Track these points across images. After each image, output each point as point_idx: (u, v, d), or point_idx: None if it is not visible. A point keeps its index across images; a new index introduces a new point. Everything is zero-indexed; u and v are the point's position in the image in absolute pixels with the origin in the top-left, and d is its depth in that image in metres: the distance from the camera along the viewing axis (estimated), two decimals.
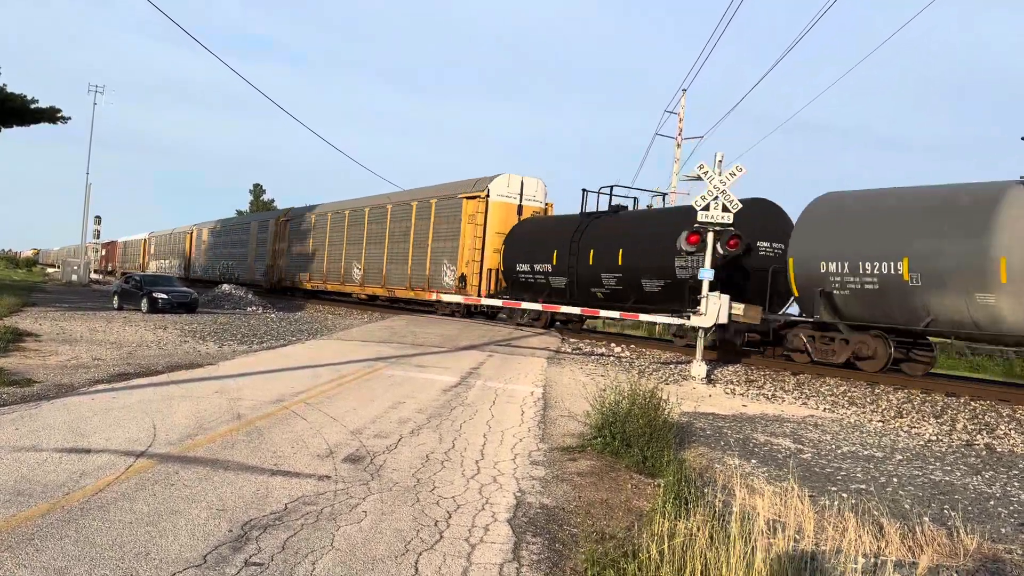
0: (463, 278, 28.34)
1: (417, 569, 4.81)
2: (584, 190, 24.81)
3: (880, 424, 11.89)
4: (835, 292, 16.33)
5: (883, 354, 15.71)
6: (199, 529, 5.22)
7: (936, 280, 14.37)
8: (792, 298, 18.28)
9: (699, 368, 15.70)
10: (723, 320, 15.97)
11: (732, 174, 15.83)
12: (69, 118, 31.13)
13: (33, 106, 29.24)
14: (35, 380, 10.72)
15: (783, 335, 18.20)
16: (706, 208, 15.75)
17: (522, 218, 27.98)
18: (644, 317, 18.84)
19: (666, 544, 4.67)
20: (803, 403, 13.55)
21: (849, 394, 14.19)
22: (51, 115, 30.43)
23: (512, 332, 24.50)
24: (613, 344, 21.99)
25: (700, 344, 16.23)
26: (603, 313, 20.36)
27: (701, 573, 4.36)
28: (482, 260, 27.95)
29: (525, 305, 21.41)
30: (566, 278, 23.71)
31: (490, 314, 29.21)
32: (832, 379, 15.78)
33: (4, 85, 27.97)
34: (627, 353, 20.28)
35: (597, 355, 19.59)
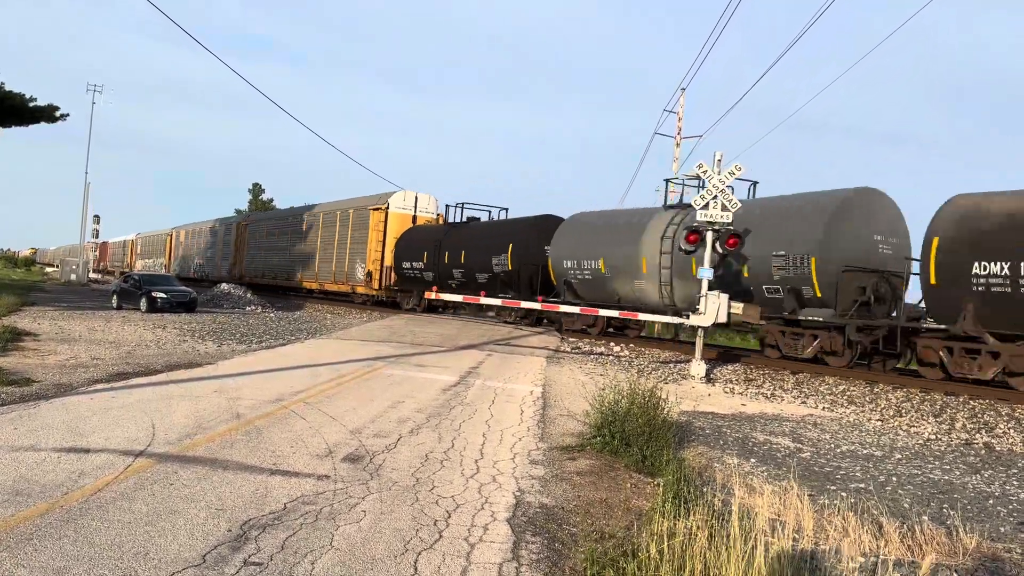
0: (369, 274, 35.52)
1: (416, 568, 4.81)
2: (448, 205, 33.48)
3: (879, 423, 11.89)
4: (573, 281, 24.10)
5: (602, 324, 23.53)
6: (198, 529, 5.21)
7: (617, 272, 22.28)
8: (554, 288, 25.33)
9: (698, 367, 15.70)
10: (722, 319, 15.98)
11: (731, 173, 15.84)
12: (67, 115, 31.05)
13: (32, 104, 29.17)
14: (34, 380, 10.71)
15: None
16: (705, 207, 15.76)
17: (413, 226, 35.35)
18: (643, 316, 18.84)
19: (665, 543, 4.67)
20: (802, 402, 13.55)
21: (848, 393, 14.19)
22: (50, 114, 30.35)
23: (511, 331, 24.53)
24: (612, 343, 21.99)
25: (699, 343, 16.24)
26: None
27: (700, 572, 4.35)
28: (382, 259, 35.01)
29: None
30: (433, 272, 31.06)
31: (390, 303, 35.90)
32: (831, 378, 15.79)
33: (2, 84, 27.91)
34: (626, 352, 20.29)
35: (596, 354, 19.59)
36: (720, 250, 16.35)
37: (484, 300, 22.61)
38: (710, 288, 16.10)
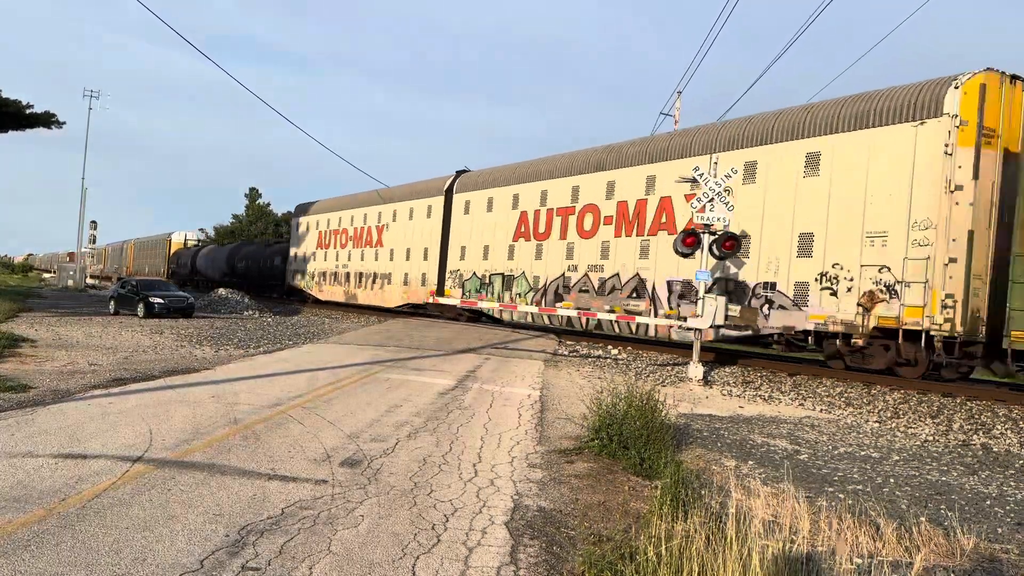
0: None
1: (415, 573, 4.81)
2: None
3: (877, 425, 11.90)
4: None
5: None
6: (196, 534, 5.21)
7: None
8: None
9: (696, 369, 15.71)
10: (719, 321, 16.00)
11: (728, 176, 15.87)
12: (64, 122, 31.08)
13: (28, 111, 29.18)
14: (31, 386, 10.69)
15: None
16: (702, 210, 15.78)
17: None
18: (640, 320, 18.86)
19: (663, 546, 4.67)
20: (800, 404, 13.56)
21: (846, 395, 14.21)
22: (46, 120, 30.37)
23: (509, 335, 24.50)
24: (610, 346, 22.00)
25: (697, 346, 16.24)
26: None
27: (698, 575, 4.36)
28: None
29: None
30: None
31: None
32: (829, 380, 15.80)
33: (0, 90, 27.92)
34: (624, 355, 20.29)
35: (594, 357, 19.59)
36: (717, 253, 16.38)
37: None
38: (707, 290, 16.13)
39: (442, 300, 25.83)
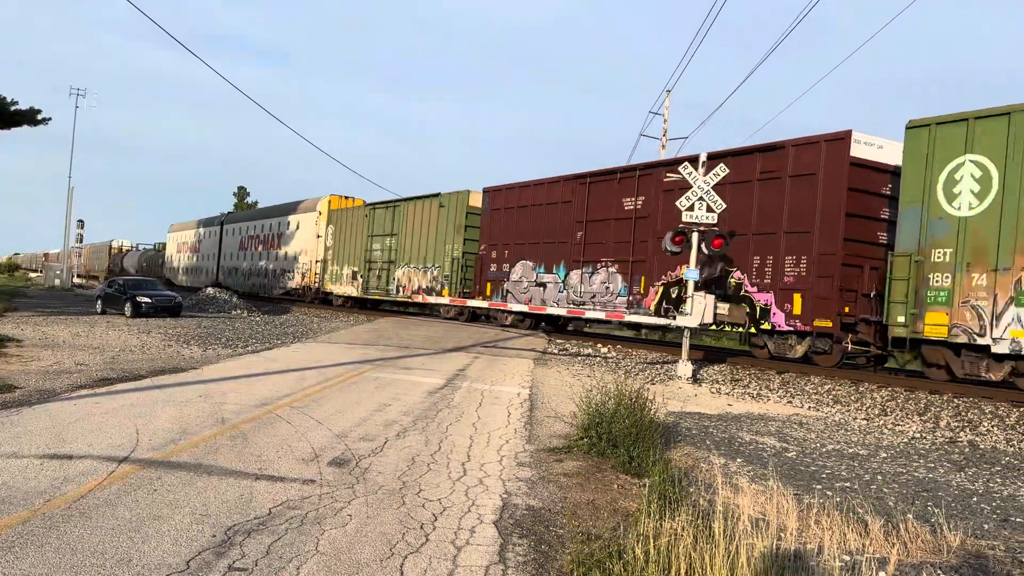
0: None
1: (403, 572, 4.79)
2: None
3: (864, 422, 11.96)
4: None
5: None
6: (182, 535, 5.18)
7: None
8: None
9: (685, 368, 15.74)
10: (708, 320, 16.04)
11: (716, 174, 15.90)
12: (49, 119, 30.81)
13: (13, 109, 28.93)
14: (16, 386, 10.60)
15: None
16: (691, 208, 15.81)
17: None
18: (629, 318, 18.88)
19: (651, 544, 4.67)
20: (788, 402, 13.61)
21: (834, 392, 14.27)
22: (32, 117, 30.11)
23: (499, 333, 24.49)
24: (599, 344, 22.02)
25: (685, 344, 16.27)
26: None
27: (686, 573, 4.36)
28: None
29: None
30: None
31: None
32: (817, 377, 15.86)
33: None
34: (613, 353, 20.31)
35: (583, 356, 19.60)
36: (706, 251, 16.41)
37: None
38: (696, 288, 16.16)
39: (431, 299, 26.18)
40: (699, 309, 15.75)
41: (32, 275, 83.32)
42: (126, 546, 4.92)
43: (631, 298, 20.77)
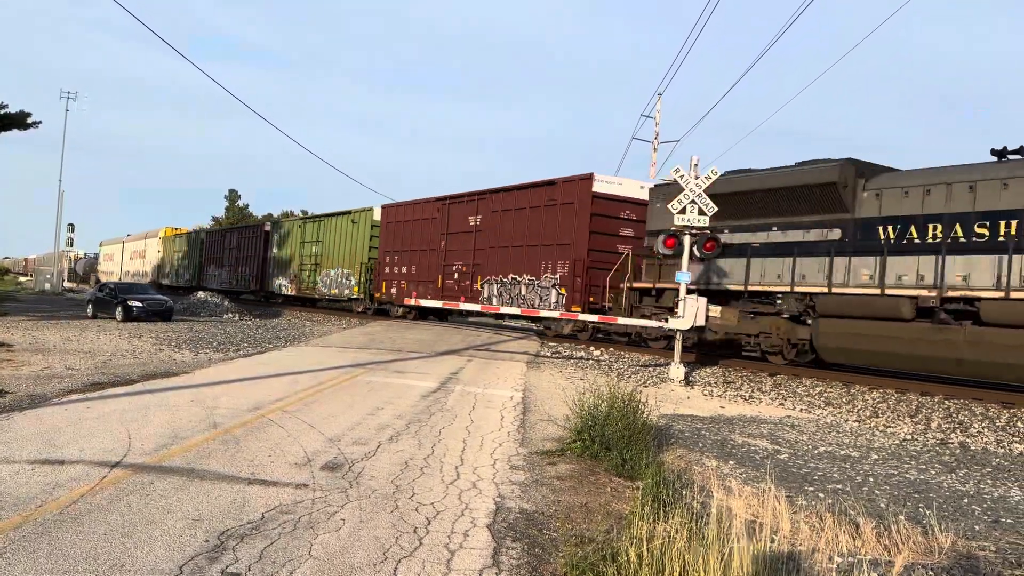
0: None
1: None
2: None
3: (856, 424, 12.01)
4: None
5: None
6: (175, 540, 5.16)
7: None
8: None
9: (677, 370, 15.78)
10: (700, 323, 16.07)
11: (708, 177, 15.94)
12: (40, 122, 30.65)
13: (3, 111, 28.78)
14: (7, 391, 10.54)
15: None
16: (683, 211, 15.84)
17: None
18: (622, 320, 18.91)
19: (645, 547, 4.68)
20: (780, 404, 13.66)
21: (825, 394, 14.33)
22: (22, 120, 29.96)
23: (491, 336, 24.52)
24: (592, 347, 22.05)
25: (678, 347, 16.31)
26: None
27: (679, 575, 4.37)
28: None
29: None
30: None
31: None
32: (808, 380, 15.93)
33: None
34: (606, 356, 20.34)
35: (576, 358, 19.62)
36: (698, 254, 16.45)
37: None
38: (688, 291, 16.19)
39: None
40: (691, 312, 15.78)
41: (22, 279, 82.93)
42: (119, 551, 4.90)
43: (472, 292, 27.26)
